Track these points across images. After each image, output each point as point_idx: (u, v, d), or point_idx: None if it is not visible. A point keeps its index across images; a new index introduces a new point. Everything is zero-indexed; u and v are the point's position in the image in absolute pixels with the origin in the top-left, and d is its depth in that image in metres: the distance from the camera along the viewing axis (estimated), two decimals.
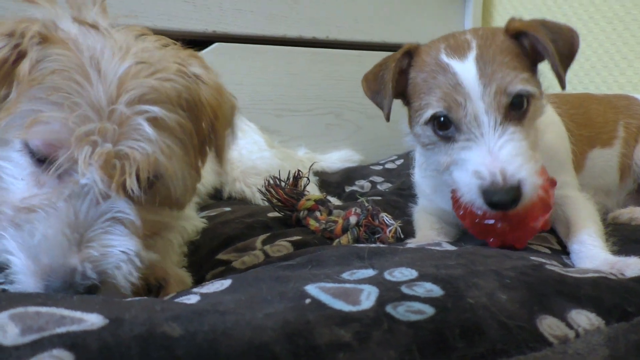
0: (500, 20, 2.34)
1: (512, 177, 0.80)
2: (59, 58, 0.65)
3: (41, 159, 0.66)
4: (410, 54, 0.98)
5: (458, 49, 0.91)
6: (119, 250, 0.66)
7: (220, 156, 0.82)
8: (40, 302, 0.54)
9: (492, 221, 0.87)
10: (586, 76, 2.08)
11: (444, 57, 0.91)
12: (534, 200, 0.83)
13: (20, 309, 0.51)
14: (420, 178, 1.14)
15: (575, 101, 1.25)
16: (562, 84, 0.91)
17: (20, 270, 0.65)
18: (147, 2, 1.47)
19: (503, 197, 0.80)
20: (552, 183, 0.90)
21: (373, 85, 1.00)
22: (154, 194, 0.72)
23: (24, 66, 0.65)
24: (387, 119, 0.97)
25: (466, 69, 0.87)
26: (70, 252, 0.64)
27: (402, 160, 1.77)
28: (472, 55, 0.89)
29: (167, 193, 0.73)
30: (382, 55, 2.13)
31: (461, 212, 0.90)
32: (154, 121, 0.67)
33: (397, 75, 0.95)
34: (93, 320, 0.50)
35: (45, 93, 0.64)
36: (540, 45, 0.90)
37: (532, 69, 0.93)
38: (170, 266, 0.80)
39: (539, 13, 2.18)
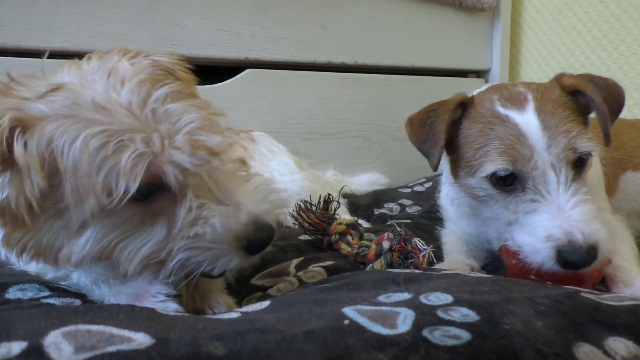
0: (528, 43, 2.35)
1: (590, 237, 0.77)
2: (71, 127, 0.66)
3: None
4: (464, 104, 0.94)
5: (514, 100, 0.88)
6: None
7: None
8: (90, 320, 0.56)
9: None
10: None
11: (500, 108, 0.88)
12: (604, 262, 0.80)
13: (72, 327, 0.54)
14: (446, 203, 1.14)
15: None
16: (608, 141, 0.89)
17: None
18: (184, 31, 1.52)
19: (582, 257, 0.76)
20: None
21: (419, 132, 0.96)
22: None
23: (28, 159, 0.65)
24: (435, 168, 0.94)
25: (527, 120, 0.84)
26: None
27: (430, 183, 1.77)
28: (530, 107, 0.86)
29: None
30: (410, 79, 2.17)
31: (513, 262, 0.86)
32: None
33: (449, 126, 0.92)
34: (141, 339, 0.52)
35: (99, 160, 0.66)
36: (595, 105, 0.89)
37: (585, 123, 0.91)
38: (219, 293, 0.81)
39: (568, 37, 2.18)
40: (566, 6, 2.19)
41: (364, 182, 1.86)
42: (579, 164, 0.84)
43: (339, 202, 1.15)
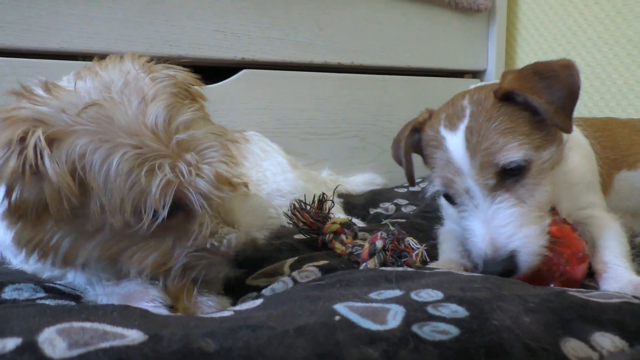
0: (523, 43, 2.36)
1: (504, 249, 0.81)
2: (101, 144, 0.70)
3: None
4: (416, 129, 1.01)
5: (453, 119, 0.91)
6: None
7: None
8: (84, 318, 0.57)
9: None
10: (613, 99, 2.07)
11: (442, 130, 0.92)
12: (534, 266, 0.82)
13: (66, 324, 0.54)
14: (446, 202, 1.15)
15: (600, 124, 1.25)
16: (566, 129, 0.86)
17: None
18: (181, 32, 1.53)
19: (496, 269, 0.81)
20: (582, 258, 0.87)
21: (394, 153, 1.09)
22: None
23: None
24: (411, 185, 1.07)
25: (455, 143, 0.89)
26: None
27: (426, 183, 1.77)
28: (462, 125, 0.89)
29: None
30: (406, 79, 2.18)
31: None
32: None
33: (410, 150, 1.02)
34: (134, 335, 0.53)
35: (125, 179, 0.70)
36: (533, 104, 0.86)
37: (534, 119, 0.88)
38: (214, 294, 0.84)
39: (563, 38, 2.20)
40: (561, 7, 2.21)
41: (360, 182, 1.86)
42: (515, 171, 0.85)
43: (333, 202, 1.15)
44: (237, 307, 0.70)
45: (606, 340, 0.57)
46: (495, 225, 0.83)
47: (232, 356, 0.50)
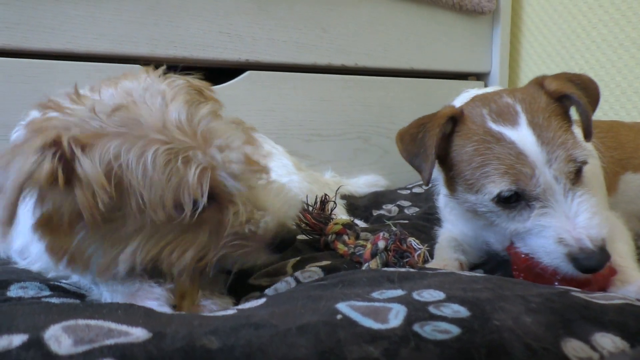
0: (527, 46, 2.36)
1: (598, 239, 0.79)
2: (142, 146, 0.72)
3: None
4: (454, 119, 0.93)
5: (504, 115, 0.88)
6: None
7: None
8: (89, 316, 0.58)
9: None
10: (617, 102, 2.07)
11: (492, 125, 0.87)
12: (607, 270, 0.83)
13: (71, 322, 0.55)
14: (445, 208, 1.15)
15: (603, 126, 1.26)
16: (589, 135, 0.92)
17: None
18: (185, 33, 1.54)
19: (597, 262, 0.78)
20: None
21: (410, 146, 0.95)
22: None
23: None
24: (427, 183, 0.93)
25: (524, 138, 0.84)
26: None
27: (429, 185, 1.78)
28: (523, 121, 0.86)
29: None
30: (410, 81, 2.18)
31: (523, 267, 0.88)
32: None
33: (440, 141, 0.91)
34: (138, 333, 0.54)
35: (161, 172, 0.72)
36: (580, 107, 0.90)
37: (570, 125, 0.92)
38: (217, 294, 0.84)
39: (567, 40, 2.20)
40: (566, 10, 2.21)
41: (363, 183, 1.87)
42: (581, 168, 0.86)
43: (335, 203, 1.16)
44: (240, 306, 0.71)
45: (607, 341, 0.57)
46: (584, 219, 0.80)
47: (234, 354, 0.50)
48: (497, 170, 0.84)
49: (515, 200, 0.85)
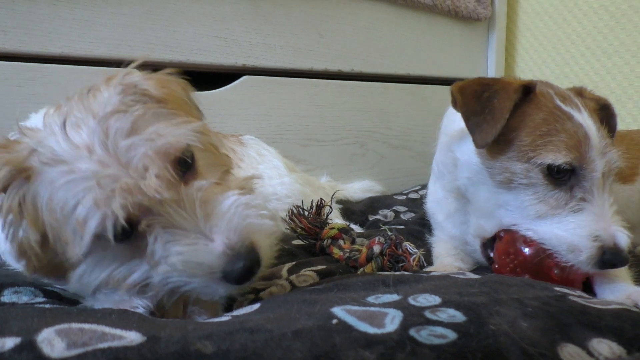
0: (523, 52, 2.37)
1: (626, 242, 0.82)
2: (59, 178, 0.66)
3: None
4: (527, 89, 0.91)
5: (569, 100, 0.89)
6: None
7: None
8: (83, 320, 0.57)
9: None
10: None
11: (561, 104, 0.88)
12: None
13: (64, 325, 0.55)
14: (433, 208, 1.16)
15: None
16: None
17: None
18: (182, 38, 1.54)
19: (622, 260, 0.81)
20: None
21: (472, 103, 0.90)
22: None
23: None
24: (483, 146, 0.89)
25: (589, 124, 0.86)
26: None
27: (425, 190, 1.78)
28: (585, 111, 0.88)
29: None
30: (406, 87, 2.18)
31: (508, 260, 0.89)
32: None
33: (512, 107, 0.87)
34: (132, 337, 0.53)
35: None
36: (613, 121, 0.95)
37: None
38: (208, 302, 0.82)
39: (562, 47, 2.21)
40: (560, 17, 2.22)
41: (358, 189, 1.87)
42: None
43: (331, 207, 1.16)
44: (235, 312, 0.70)
45: (604, 347, 0.57)
46: (614, 223, 0.83)
47: (229, 358, 0.50)
48: (564, 143, 0.84)
49: (564, 178, 0.85)
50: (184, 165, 0.70)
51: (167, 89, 0.78)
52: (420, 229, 1.33)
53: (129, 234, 0.67)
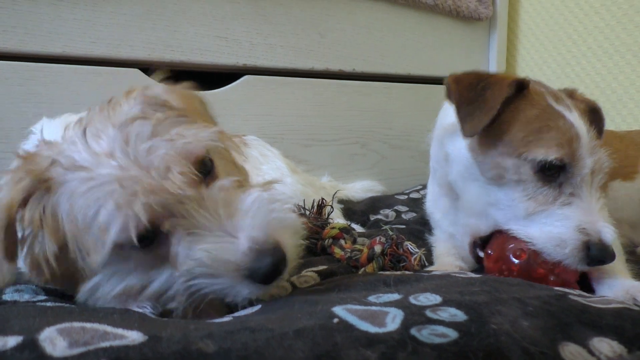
0: (524, 52, 2.37)
1: (611, 239, 0.83)
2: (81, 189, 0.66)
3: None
4: (520, 85, 0.92)
5: (560, 100, 0.90)
6: None
7: None
8: (85, 319, 0.57)
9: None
10: (612, 108, 2.08)
11: (553, 103, 0.89)
12: None
13: (66, 324, 0.55)
14: (432, 207, 1.16)
15: None
16: None
17: None
18: (183, 38, 1.54)
19: (609, 256, 0.82)
20: None
21: (466, 92, 0.91)
22: None
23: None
24: (470, 135, 0.90)
25: (579, 124, 0.87)
26: None
27: (426, 190, 1.78)
28: (576, 111, 0.89)
29: None
30: (407, 87, 2.18)
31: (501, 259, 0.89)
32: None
33: (504, 99, 0.88)
34: (134, 336, 0.53)
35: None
36: (602, 124, 0.97)
37: None
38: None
39: (564, 47, 2.21)
40: (562, 16, 2.22)
41: (359, 188, 1.87)
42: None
43: (332, 207, 1.16)
44: (236, 313, 0.70)
45: (605, 346, 0.57)
46: (602, 219, 0.84)
47: (230, 357, 0.50)
48: (555, 140, 0.85)
49: (553, 175, 0.86)
50: (204, 168, 0.70)
51: (186, 101, 0.78)
52: (421, 228, 1.33)
53: (152, 240, 0.67)
